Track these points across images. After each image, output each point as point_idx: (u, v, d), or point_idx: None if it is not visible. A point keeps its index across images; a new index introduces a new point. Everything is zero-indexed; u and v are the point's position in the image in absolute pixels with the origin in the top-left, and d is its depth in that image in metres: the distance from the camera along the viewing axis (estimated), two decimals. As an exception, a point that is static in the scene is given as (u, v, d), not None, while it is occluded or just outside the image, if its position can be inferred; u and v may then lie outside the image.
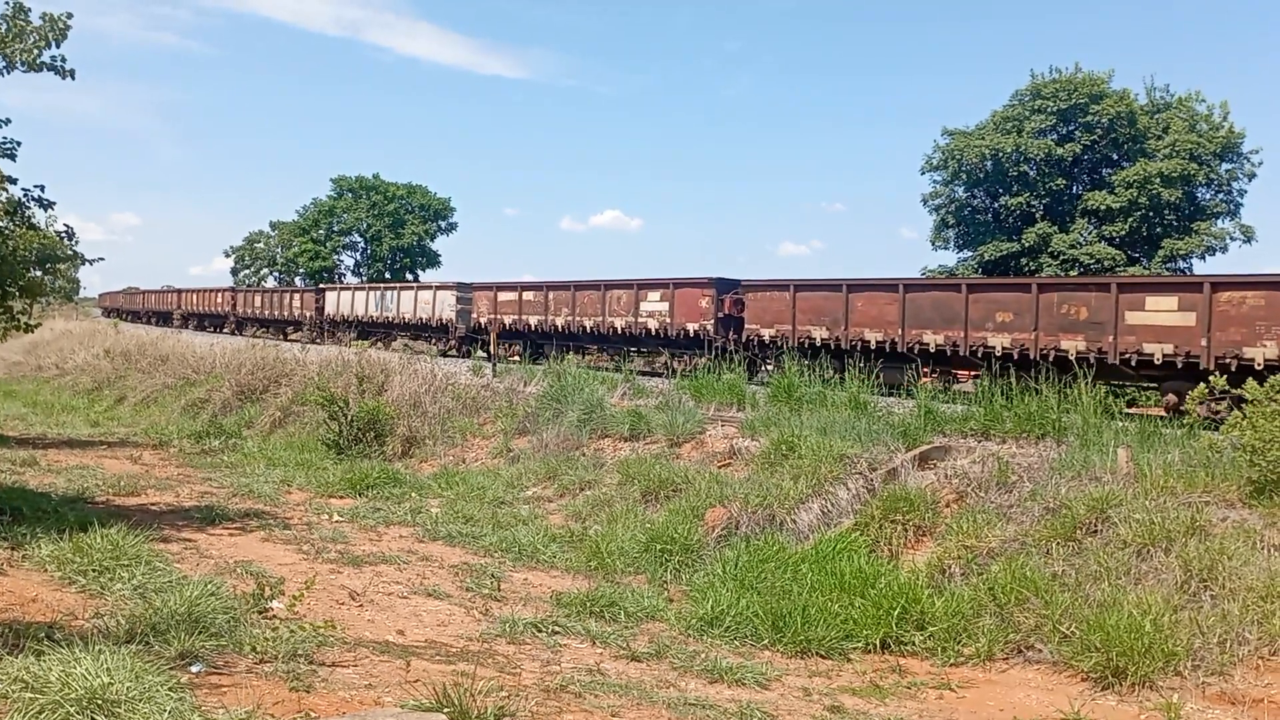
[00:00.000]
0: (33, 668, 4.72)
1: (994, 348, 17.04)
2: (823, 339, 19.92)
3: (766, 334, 21.12)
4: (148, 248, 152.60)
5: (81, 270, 57.92)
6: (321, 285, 50.64)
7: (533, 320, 28.33)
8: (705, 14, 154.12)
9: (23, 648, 5.20)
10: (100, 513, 10.76)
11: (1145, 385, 18.84)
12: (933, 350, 18.04)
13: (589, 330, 26.47)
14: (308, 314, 42.27)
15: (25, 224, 15.01)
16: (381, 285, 40.34)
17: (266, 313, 46.84)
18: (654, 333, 24.32)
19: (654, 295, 24.57)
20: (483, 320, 30.06)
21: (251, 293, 52.15)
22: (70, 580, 7.78)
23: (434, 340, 32.49)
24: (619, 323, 25.45)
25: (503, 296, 29.82)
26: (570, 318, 26.93)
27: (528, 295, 28.86)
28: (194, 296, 56.58)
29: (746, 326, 21.71)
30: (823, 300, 20.17)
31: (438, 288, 33.62)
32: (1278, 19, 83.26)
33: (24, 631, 5.79)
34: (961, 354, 17.64)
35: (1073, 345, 16.13)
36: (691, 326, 23.22)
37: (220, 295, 53.25)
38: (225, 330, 48.49)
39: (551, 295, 27.88)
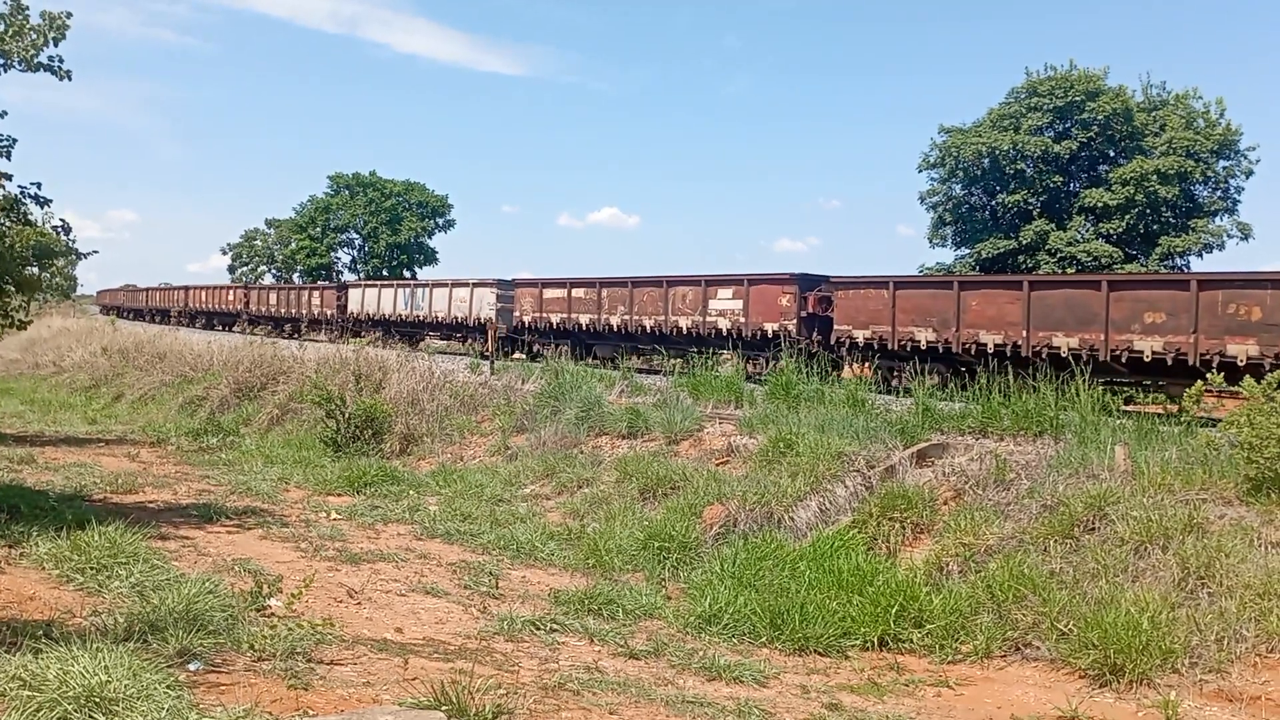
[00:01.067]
0: (30, 665, 4.72)
1: (1142, 352, 15.16)
2: (929, 341, 18.06)
3: (860, 335, 19.22)
4: (145, 245, 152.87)
5: (79, 267, 57.59)
6: (345, 282, 49.14)
7: (584, 319, 26.16)
8: (704, 12, 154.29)
9: (20, 645, 5.19)
10: (98, 510, 10.76)
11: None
12: (1064, 354, 15.78)
13: (649, 330, 24.32)
14: (328, 312, 39.95)
15: (22, 220, 14.99)
16: (412, 282, 38.34)
17: (283, 310, 44.34)
18: (725, 333, 22.09)
19: (725, 293, 22.49)
20: (526, 319, 28.09)
21: (266, 290, 49.59)
22: (68, 578, 7.78)
23: (469, 341, 30.98)
24: (684, 322, 23.29)
25: (549, 294, 27.72)
26: (627, 316, 24.86)
27: (578, 292, 26.63)
28: (202, 294, 53.89)
29: (836, 327, 19.85)
30: (930, 299, 18.47)
31: (475, 285, 31.34)
32: (1274, 17, 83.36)
33: (21, 629, 5.79)
34: (1101, 359, 15.43)
35: (1242, 350, 14.21)
36: (770, 326, 21.06)
37: (232, 292, 50.80)
38: (236, 330, 45.30)
39: (605, 292, 25.74)
